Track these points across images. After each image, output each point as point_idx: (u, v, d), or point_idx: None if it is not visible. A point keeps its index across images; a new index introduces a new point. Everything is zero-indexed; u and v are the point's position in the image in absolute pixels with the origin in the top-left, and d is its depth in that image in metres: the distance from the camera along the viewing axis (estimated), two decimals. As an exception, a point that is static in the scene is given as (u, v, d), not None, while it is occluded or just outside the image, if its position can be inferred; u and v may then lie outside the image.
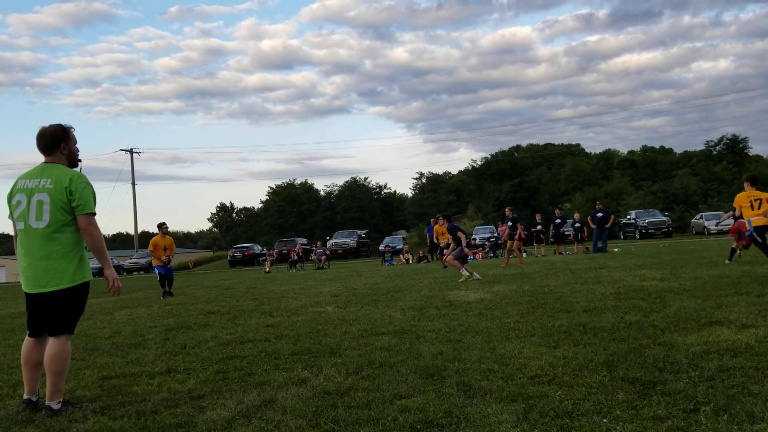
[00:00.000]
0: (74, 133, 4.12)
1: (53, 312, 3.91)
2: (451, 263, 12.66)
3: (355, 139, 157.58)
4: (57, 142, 4.01)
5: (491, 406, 3.40)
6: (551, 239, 24.21)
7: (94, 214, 3.97)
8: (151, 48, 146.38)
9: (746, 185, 11.22)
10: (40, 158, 4.10)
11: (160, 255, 13.86)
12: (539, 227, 23.86)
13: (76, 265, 3.95)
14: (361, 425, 3.25)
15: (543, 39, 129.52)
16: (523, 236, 19.03)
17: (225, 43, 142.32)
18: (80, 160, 4.17)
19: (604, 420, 3.07)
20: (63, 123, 4.11)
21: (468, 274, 12.13)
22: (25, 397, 4.06)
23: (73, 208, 3.89)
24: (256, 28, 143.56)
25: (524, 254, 23.68)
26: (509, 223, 18.66)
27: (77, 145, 4.15)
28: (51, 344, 3.92)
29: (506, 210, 20.25)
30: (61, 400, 3.91)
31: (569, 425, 3.03)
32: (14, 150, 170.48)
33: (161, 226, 14.11)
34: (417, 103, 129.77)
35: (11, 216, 4.02)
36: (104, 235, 4.23)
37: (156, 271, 14.24)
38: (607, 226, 21.72)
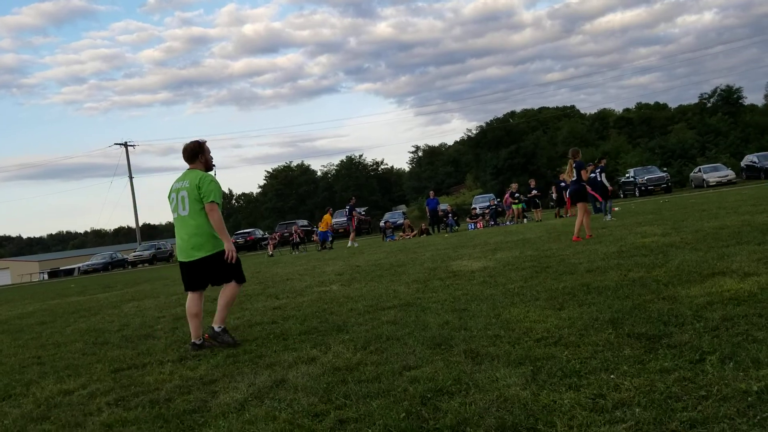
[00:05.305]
0: (208, 145, 5.40)
1: (213, 271, 5.18)
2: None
3: (346, 118, 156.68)
4: (196, 155, 5.29)
5: (499, 370, 3.43)
6: (552, 203, 24.19)
7: (216, 202, 5.07)
8: (133, 41, 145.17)
9: None
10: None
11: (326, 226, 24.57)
12: (534, 192, 23.91)
13: (214, 238, 5.13)
14: (372, 398, 3.28)
15: (525, 3, 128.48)
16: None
17: (207, 31, 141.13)
18: (214, 165, 5.41)
19: (612, 376, 3.10)
20: (199, 139, 5.35)
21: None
22: (192, 341, 5.28)
23: (201, 198, 5.06)
24: (237, 13, 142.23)
25: (525, 220, 23.75)
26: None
27: (210, 154, 5.39)
28: (226, 286, 5.26)
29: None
30: (222, 325, 5.25)
31: (577, 383, 3.06)
32: (7, 153, 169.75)
33: (328, 209, 26.57)
34: (405, 77, 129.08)
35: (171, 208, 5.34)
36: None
37: (321, 237, 24.82)
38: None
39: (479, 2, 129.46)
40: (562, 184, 22.86)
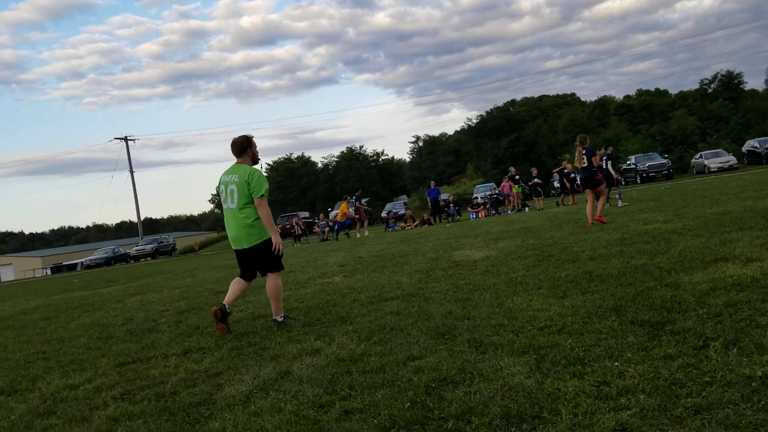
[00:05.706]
0: (255, 140, 5.63)
1: (257, 259, 5.51)
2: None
3: (346, 109, 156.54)
4: (244, 149, 5.51)
5: (503, 359, 3.44)
6: (553, 191, 24.15)
7: (264, 196, 5.33)
8: (131, 35, 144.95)
9: None
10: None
11: (345, 215, 24.74)
12: (536, 180, 23.89)
13: (259, 229, 5.43)
14: (376, 389, 3.29)
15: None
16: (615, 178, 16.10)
17: (205, 24, 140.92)
18: (259, 159, 5.68)
19: (616, 363, 3.10)
20: (247, 134, 5.57)
21: None
22: (224, 302, 5.54)
23: (251, 193, 5.33)
24: (234, 5, 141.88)
25: (526, 209, 23.74)
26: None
27: (257, 148, 5.66)
28: (267, 280, 5.54)
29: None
30: (283, 315, 5.56)
31: (581, 371, 3.07)
32: (8, 149, 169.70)
33: (346, 197, 26.52)
34: (404, 68, 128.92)
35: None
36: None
37: (338, 226, 25.12)
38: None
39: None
40: (565, 170, 22.80)
